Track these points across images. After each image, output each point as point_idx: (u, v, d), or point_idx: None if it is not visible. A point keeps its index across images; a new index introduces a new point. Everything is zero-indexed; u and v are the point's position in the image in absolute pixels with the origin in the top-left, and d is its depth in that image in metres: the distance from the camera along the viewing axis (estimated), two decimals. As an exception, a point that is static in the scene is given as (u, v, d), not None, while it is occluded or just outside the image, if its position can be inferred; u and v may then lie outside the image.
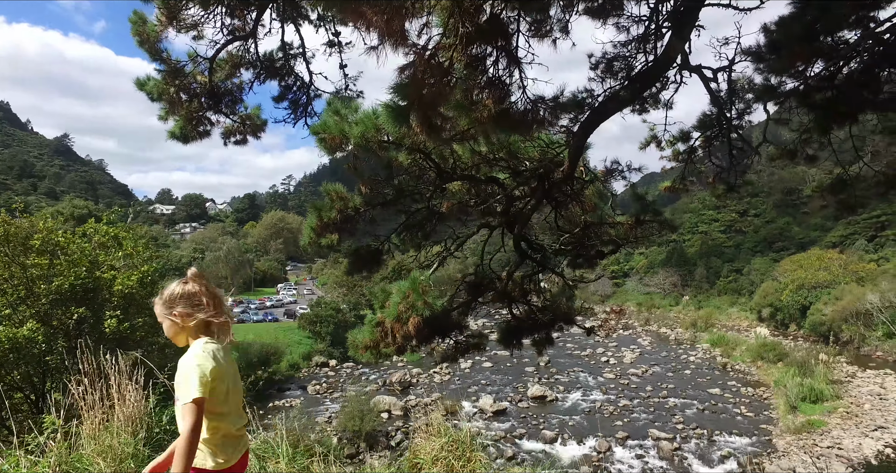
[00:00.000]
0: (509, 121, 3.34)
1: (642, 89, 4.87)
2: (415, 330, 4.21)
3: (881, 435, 24.89)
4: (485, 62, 3.05)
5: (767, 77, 4.92)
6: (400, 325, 4.34)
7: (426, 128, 2.97)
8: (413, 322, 4.21)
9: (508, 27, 2.98)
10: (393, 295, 4.46)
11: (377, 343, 4.62)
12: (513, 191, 5.26)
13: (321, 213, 4.92)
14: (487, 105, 3.08)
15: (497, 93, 3.15)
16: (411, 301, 4.28)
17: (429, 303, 4.29)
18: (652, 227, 5.05)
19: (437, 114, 3.03)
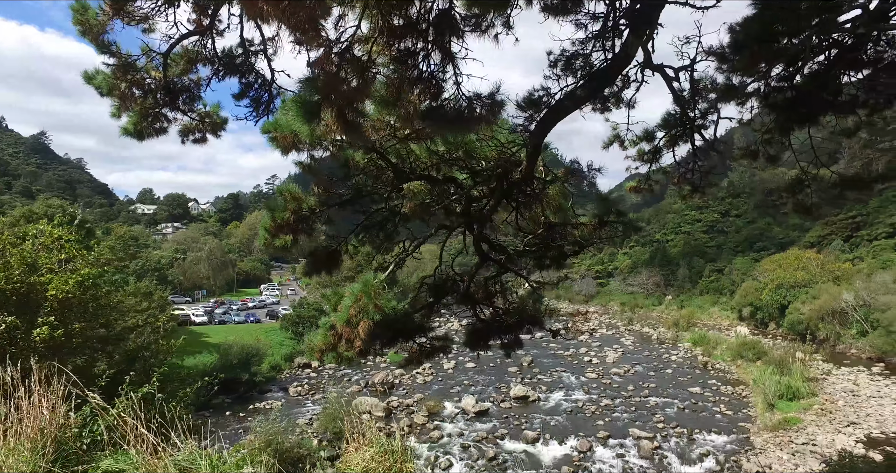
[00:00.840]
0: (442, 119, 3.22)
1: (600, 87, 4.80)
2: (365, 333, 4.07)
3: (853, 431, 25.36)
4: (415, 57, 2.92)
5: (729, 77, 4.89)
6: (350, 329, 4.21)
7: (342, 125, 2.83)
8: (363, 325, 4.08)
9: (447, 21, 2.86)
10: (345, 298, 4.34)
11: (331, 346, 4.47)
12: (471, 192, 5.16)
13: (274, 214, 4.76)
14: (413, 101, 2.96)
15: (430, 90, 3.03)
16: (362, 304, 4.15)
17: (380, 307, 4.16)
18: (616, 228, 4.98)
19: (354, 111, 2.89)
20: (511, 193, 5.04)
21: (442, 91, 3.20)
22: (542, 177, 5.00)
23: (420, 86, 3.05)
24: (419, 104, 2.99)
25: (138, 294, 28.33)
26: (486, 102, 3.33)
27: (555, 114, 4.25)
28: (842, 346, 42.64)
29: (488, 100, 3.33)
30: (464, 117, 3.24)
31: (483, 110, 3.32)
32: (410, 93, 3.03)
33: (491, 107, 3.34)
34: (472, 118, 3.28)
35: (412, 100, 2.99)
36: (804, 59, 4.48)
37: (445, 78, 3.17)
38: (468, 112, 3.25)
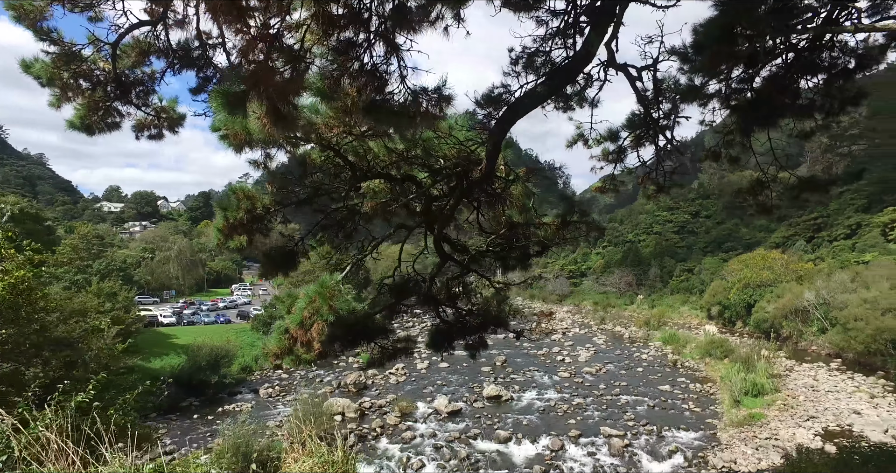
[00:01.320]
0: (386, 113, 3.09)
1: (561, 85, 4.74)
2: (319, 335, 3.91)
3: (812, 425, 26.21)
4: (356, 48, 2.79)
5: (692, 78, 4.90)
6: (304, 332, 4.05)
7: (272, 118, 2.68)
8: (317, 328, 3.92)
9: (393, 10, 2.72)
10: (299, 300, 4.17)
11: (287, 350, 4.30)
12: (430, 190, 5.05)
13: (227, 213, 4.55)
14: (351, 94, 2.82)
15: (373, 83, 2.90)
16: (316, 305, 4.00)
17: (334, 308, 4.01)
18: (579, 228, 4.94)
19: (287, 103, 2.74)
20: (471, 192, 4.95)
21: (386, 84, 3.07)
22: (503, 177, 4.93)
23: (362, 79, 2.91)
24: (356, 97, 2.85)
25: (101, 294, 27.41)
26: (432, 97, 3.22)
27: (514, 112, 4.17)
28: (804, 343, 44.02)
29: (435, 94, 3.22)
30: (409, 112, 3.12)
31: (430, 105, 3.20)
32: (351, 86, 2.89)
33: (438, 101, 3.23)
34: (418, 113, 3.16)
35: (350, 92, 2.85)
36: (762, 61, 4.52)
37: (390, 71, 3.05)
38: (414, 107, 3.13)
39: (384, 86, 3.04)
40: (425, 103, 3.18)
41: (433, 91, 3.22)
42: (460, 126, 4.57)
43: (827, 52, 5.54)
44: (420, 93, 3.20)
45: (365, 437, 26.71)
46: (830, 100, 5.56)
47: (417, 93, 3.18)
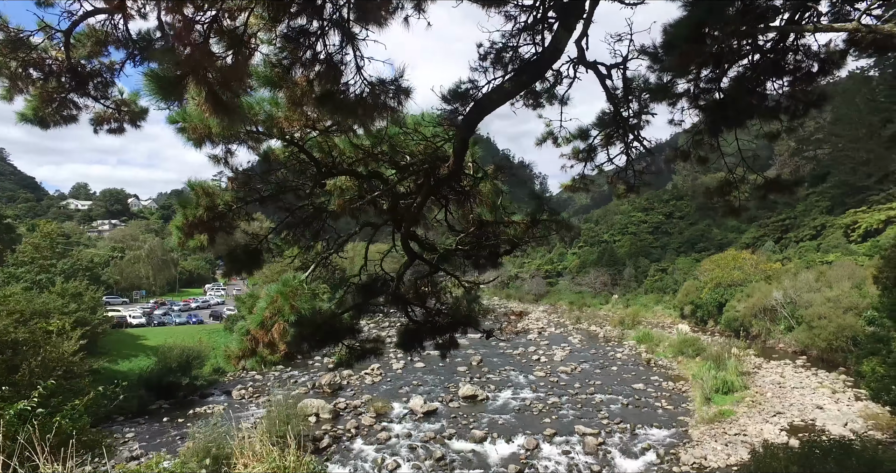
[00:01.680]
0: (339, 104, 2.98)
1: (529, 81, 4.70)
2: (280, 336, 3.79)
3: (779, 420, 26.98)
4: (309, 37, 2.68)
5: (661, 76, 4.92)
6: (265, 333, 3.91)
7: (213, 107, 2.55)
8: (278, 328, 3.80)
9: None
10: (260, 300, 4.04)
11: (249, 352, 4.16)
12: (397, 188, 4.96)
13: (186, 211, 4.37)
14: (300, 83, 2.71)
15: (329, 73, 2.79)
16: (278, 305, 3.87)
17: (296, 308, 3.89)
18: (549, 227, 4.91)
19: (229, 91, 2.61)
20: (439, 190, 4.88)
21: (340, 75, 2.95)
22: (472, 174, 4.87)
23: (315, 68, 2.80)
24: (307, 87, 2.74)
25: (66, 295, 26.49)
26: (390, 89, 3.12)
27: (482, 108, 4.10)
28: (772, 341, 45.21)
29: (392, 86, 3.12)
30: (366, 104, 3.02)
31: (387, 97, 3.10)
32: (303, 76, 2.78)
33: (396, 93, 3.13)
34: (376, 105, 3.06)
35: (299, 81, 2.73)
36: (729, 61, 4.56)
37: (346, 61, 2.94)
38: (371, 99, 3.03)
39: (339, 77, 2.93)
40: (383, 95, 3.09)
41: (390, 82, 3.12)
42: (427, 122, 4.49)
43: (792, 55, 5.65)
44: (377, 84, 3.09)
45: (339, 438, 26.44)
46: (795, 102, 5.66)
47: (374, 85, 3.07)
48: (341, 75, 2.91)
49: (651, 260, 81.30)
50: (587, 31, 4.67)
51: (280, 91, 2.77)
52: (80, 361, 24.24)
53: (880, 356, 17.06)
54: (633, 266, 79.95)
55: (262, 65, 2.73)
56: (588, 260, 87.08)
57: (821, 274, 44.82)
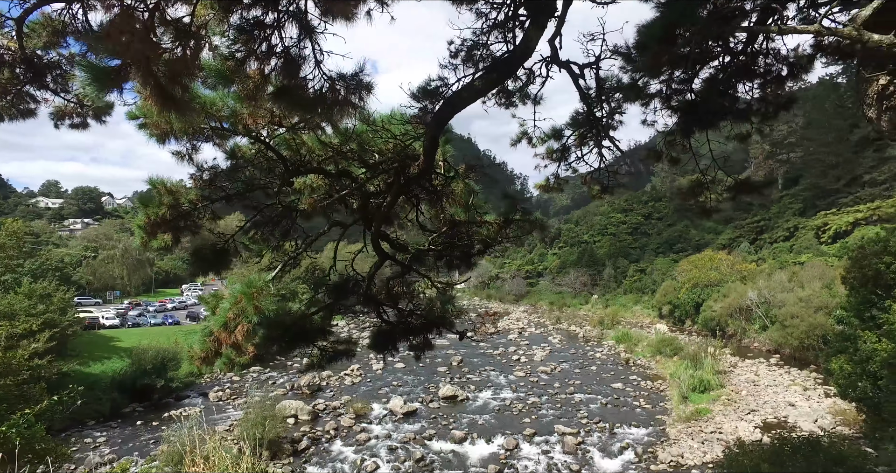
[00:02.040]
0: (297, 100, 2.90)
1: (500, 79, 4.67)
2: (243, 338, 3.69)
3: (753, 418, 27.56)
4: (264, 29, 2.59)
5: (634, 77, 4.94)
6: (228, 334, 3.81)
7: (160, 100, 2.44)
8: (241, 330, 3.69)
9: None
10: (224, 300, 3.93)
11: (213, 353, 4.04)
12: (367, 187, 4.88)
13: (148, 209, 4.22)
14: (253, 77, 2.62)
15: (287, 67, 2.70)
16: (242, 306, 3.77)
17: (260, 309, 3.80)
18: (522, 227, 4.89)
19: (177, 84, 2.50)
20: (410, 189, 4.82)
21: (298, 69, 2.87)
22: (443, 173, 4.81)
23: (271, 62, 2.71)
24: (261, 82, 2.65)
25: (34, 296, 25.70)
26: (350, 84, 3.05)
27: (452, 106, 4.05)
28: (747, 340, 46.11)
29: (353, 81, 3.04)
30: (326, 100, 2.93)
31: (348, 92, 3.03)
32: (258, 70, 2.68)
33: (357, 89, 3.06)
34: (337, 101, 2.98)
35: (252, 75, 2.64)
36: (700, 62, 4.60)
37: (304, 55, 2.84)
38: (332, 94, 2.95)
39: (297, 72, 2.84)
40: (343, 91, 3.00)
41: (351, 77, 3.04)
42: (396, 120, 4.42)
43: (762, 59, 5.74)
44: (337, 79, 3.01)
45: (318, 440, 26.19)
46: (766, 105, 5.76)
47: (334, 80, 2.99)
48: (299, 70, 2.82)
49: (630, 261, 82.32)
50: (560, 30, 4.66)
51: (233, 85, 2.67)
52: (48, 364, 23.57)
53: (847, 354, 17.51)
54: (612, 266, 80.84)
55: (215, 58, 2.63)
56: (568, 260, 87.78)
57: (793, 275, 45.88)
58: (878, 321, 16.96)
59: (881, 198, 60.08)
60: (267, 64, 2.70)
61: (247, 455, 4.50)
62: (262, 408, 25.70)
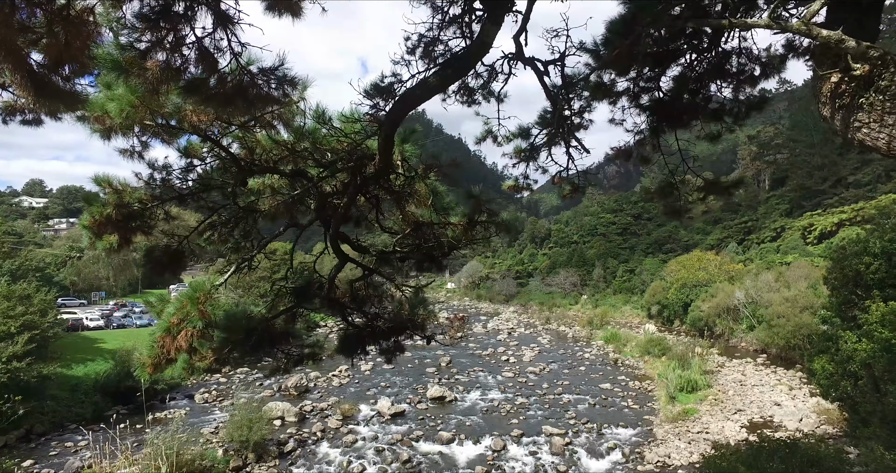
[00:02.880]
0: (211, 95, 2.74)
1: (455, 76, 4.55)
2: (187, 343, 3.54)
3: (739, 417, 27.72)
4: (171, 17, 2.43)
5: (600, 74, 4.86)
6: (171, 339, 3.66)
7: (33, 90, 2.29)
8: (184, 335, 3.55)
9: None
10: (170, 304, 3.79)
11: (164, 359, 3.89)
12: (323, 187, 4.75)
13: (92, 209, 4.04)
14: (152, 69, 2.46)
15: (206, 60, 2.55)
16: (187, 311, 3.63)
17: (206, 313, 3.66)
18: (488, 228, 4.78)
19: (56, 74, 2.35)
20: (367, 189, 4.70)
21: (216, 63, 2.71)
22: (402, 173, 4.68)
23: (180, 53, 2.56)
24: (160, 74, 2.49)
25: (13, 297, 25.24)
26: (271, 78, 2.90)
27: (406, 104, 3.92)
28: (734, 340, 46.41)
29: (272, 75, 2.89)
30: (246, 95, 2.77)
31: (270, 88, 2.88)
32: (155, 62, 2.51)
33: (280, 83, 2.91)
34: (258, 97, 2.83)
35: (150, 67, 2.47)
36: (665, 60, 4.52)
37: (221, 46, 2.69)
38: (253, 88, 2.79)
39: (215, 65, 2.69)
40: (263, 86, 2.85)
41: (269, 70, 2.88)
42: (345, 117, 4.29)
43: (735, 58, 5.68)
44: (257, 73, 2.86)
45: (304, 442, 25.97)
46: (738, 104, 5.70)
47: (255, 74, 2.84)
48: (217, 63, 2.66)
49: (620, 261, 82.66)
50: (526, 26, 4.57)
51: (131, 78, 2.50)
52: (27, 367, 23.15)
53: (829, 354, 17.61)
54: (602, 266, 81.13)
55: (112, 46, 2.46)
56: (558, 260, 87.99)
57: (780, 275, 46.25)
58: (859, 321, 17.07)
59: (865, 199, 60.77)
60: (176, 56, 2.55)
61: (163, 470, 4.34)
62: (249, 410, 25.43)
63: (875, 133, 2.26)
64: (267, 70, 2.83)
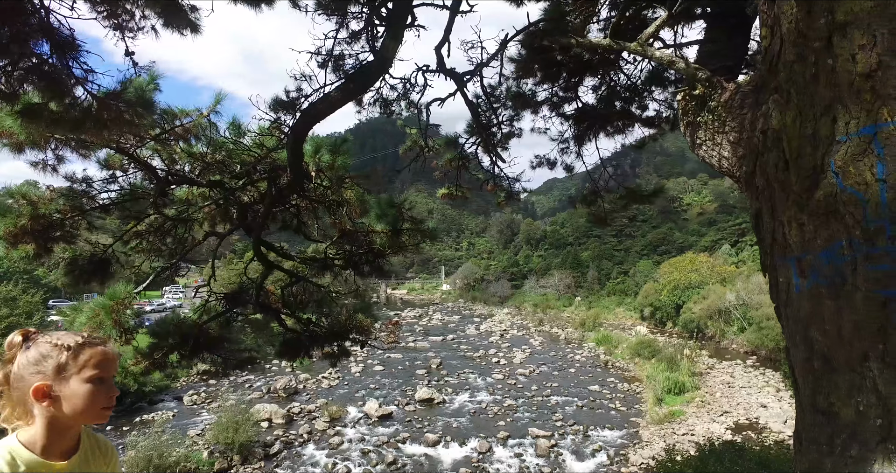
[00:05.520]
0: (56, 119, 2.78)
1: (359, 90, 4.65)
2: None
3: (725, 419, 27.81)
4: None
5: (519, 84, 4.96)
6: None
7: None
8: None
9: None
10: (83, 312, 3.88)
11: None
12: (241, 197, 4.85)
13: (6, 220, 4.09)
14: None
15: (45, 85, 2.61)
16: (100, 319, 3.72)
17: (119, 321, 3.74)
18: (413, 236, 4.88)
19: None
20: (283, 198, 4.80)
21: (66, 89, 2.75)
22: (318, 183, 4.78)
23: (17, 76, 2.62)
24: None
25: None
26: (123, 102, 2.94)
27: (309, 117, 4.00)
28: (725, 342, 46.50)
29: (123, 98, 2.93)
30: (95, 118, 2.81)
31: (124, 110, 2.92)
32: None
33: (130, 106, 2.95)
34: (112, 119, 2.88)
35: None
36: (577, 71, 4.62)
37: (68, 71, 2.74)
38: (104, 112, 2.83)
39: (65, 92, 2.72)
40: (116, 108, 2.91)
41: (115, 94, 2.91)
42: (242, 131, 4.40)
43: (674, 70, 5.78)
44: (106, 97, 2.91)
45: (291, 444, 26.05)
46: (673, 111, 5.80)
47: (102, 98, 2.89)
48: (68, 89, 2.69)
49: (614, 263, 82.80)
50: (448, 37, 4.67)
51: None
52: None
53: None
54: (596, 268, 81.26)
55: None
56: (553, 262, 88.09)
57: (770, 277, 46.32)
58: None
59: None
60: (12, 81, 2.60)
61: None
62: (236, 412, 25.51)
63: (710, 150, 2.36)
64: (113, 94, 2.88)
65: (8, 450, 1.40)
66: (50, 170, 4.15)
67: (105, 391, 1.49)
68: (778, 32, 1.99)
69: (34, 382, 1.41)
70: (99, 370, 1.47)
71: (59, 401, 1.42)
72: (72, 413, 1.44)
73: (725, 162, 2.27)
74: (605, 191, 5.91)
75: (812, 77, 1.80)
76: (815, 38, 1.76)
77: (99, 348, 1.50)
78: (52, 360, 1.43)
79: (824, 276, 1.84)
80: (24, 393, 1.42)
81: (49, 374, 1.42)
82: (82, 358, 1.45)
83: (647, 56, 2.65)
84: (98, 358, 1.48)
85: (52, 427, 1.45)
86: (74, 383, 1.43)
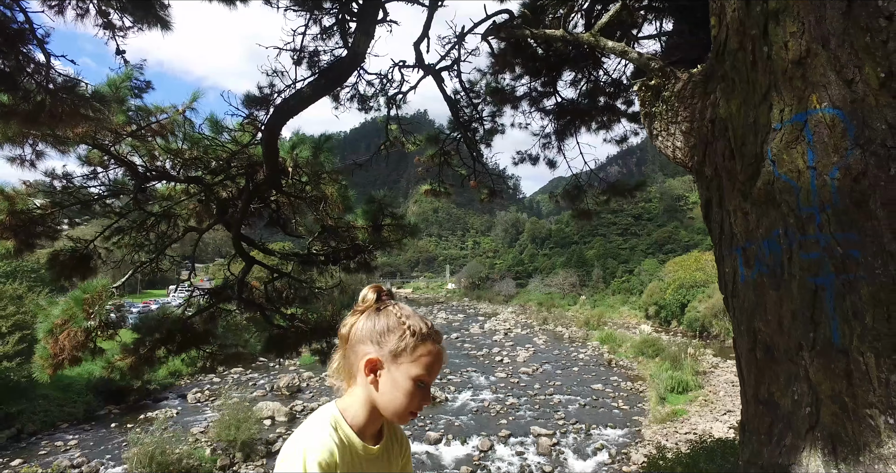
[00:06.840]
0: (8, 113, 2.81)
1: (331, 86, 4.65)
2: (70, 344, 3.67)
3: (728, 419, 27.64)
4: None
5: (497, 79, 4.96)
6: (54, 341, 3.79)
7: None
8: (65, 335, 3.68)
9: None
10: (58, 305, 3.93)
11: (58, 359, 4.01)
12: (219, 192, 4.89)
13: (-15, 215, 4.16)
14: None
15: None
16: (72, 312, 3.76)
17: (91, 314, 3.78)
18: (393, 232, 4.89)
19: None
20: (261, 194, 4.83)
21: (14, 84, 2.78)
22: (296, 179, 4.80)
23: None
24: None
25: (3, 297, 25.55)
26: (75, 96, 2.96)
27: (282, 113, 4.02)
28: (730, 341, 46.17)
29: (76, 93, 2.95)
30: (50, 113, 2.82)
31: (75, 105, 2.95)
32: None
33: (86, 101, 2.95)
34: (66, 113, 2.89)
35: None
36: (553, 67, 4.61)
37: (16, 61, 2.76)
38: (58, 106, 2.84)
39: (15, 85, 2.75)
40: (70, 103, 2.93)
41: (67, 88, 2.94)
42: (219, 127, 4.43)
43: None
44: (61, 90, 2.93)
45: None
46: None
47: (58, 92, 2.91)
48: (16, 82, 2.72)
49: (619, 262, 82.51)
50: (428, 32, 4.67)
51: None
52: (18, 367, 23.43)
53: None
54: (601, 267, 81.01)
55: None
56: (557, 261, 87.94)
57: (776, 276, 46.00)
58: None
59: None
60: None
61: None
62: (238, 410, 25.64)
63: (665, 141, 2.36)
64: (69, 87, 2.91)
65: (334, 420, 1.32)
66: (28, 166, 4.20)
67: (422, 395, 1.35)
68: (724, 21, 1.99)
69: (369, 352, 1.32)
70: (427, 372, 1.34)
71: (377, 384, 1.33)
72: (381, 402, 1.33)
73: (679, 152, 2.26)
74: (587, 186, 5.90)
75: (752, 64, 1.80)
76: (752, 25, 1.75)
77: (437, 348, 1.37)
78: (394, 339, 1.32)
79: (766, 265, 1.84)
80: (358, 357, 1.34)
81: (385, 353, 1.32)
82: (420, 351, 1.33)
83: (600, 46, 2.65)
84: (432, 359, 1.35)
85: (372, 408, 1.35)
86: (401, 374, 1.31)
